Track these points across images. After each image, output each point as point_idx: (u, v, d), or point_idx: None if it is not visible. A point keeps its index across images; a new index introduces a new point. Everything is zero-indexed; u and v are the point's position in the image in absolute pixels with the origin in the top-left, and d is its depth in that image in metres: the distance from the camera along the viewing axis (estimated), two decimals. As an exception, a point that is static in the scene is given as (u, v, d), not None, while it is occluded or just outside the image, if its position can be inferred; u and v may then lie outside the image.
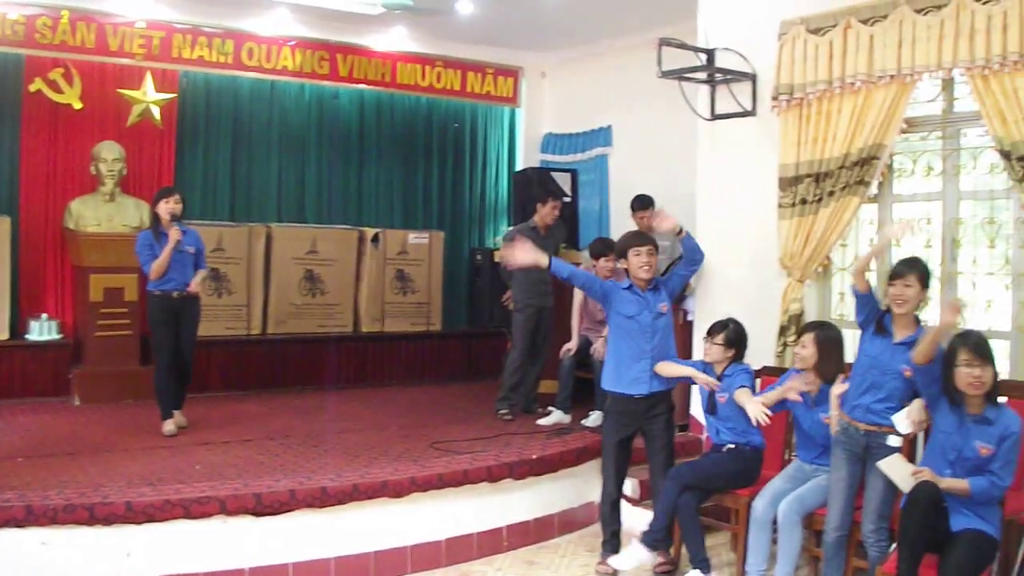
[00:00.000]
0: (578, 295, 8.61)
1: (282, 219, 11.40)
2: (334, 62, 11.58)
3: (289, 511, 6.02)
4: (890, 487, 5.33)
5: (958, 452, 5.00)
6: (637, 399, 6.42)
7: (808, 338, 6.04)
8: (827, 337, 6.00)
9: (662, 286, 6.51)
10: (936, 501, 4.94)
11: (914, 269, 5.40)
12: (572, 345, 8.59)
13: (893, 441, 5.41)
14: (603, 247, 8.18)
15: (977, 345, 4.93)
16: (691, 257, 6.53)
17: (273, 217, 11.37)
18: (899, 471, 5.18)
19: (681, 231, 6.48)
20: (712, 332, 6.47)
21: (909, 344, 5.35)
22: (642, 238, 6.50)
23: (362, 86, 11.91)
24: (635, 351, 6.38)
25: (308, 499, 6.05)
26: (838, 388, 5.69)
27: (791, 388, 5.94)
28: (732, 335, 6.40)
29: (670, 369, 6.37)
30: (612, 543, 6.55)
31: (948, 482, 4.96)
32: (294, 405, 9.50)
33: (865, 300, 5.59)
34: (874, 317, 5.56)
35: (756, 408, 5.87)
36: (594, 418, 8.17)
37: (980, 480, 4.91)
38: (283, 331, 10.86)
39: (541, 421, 8.46)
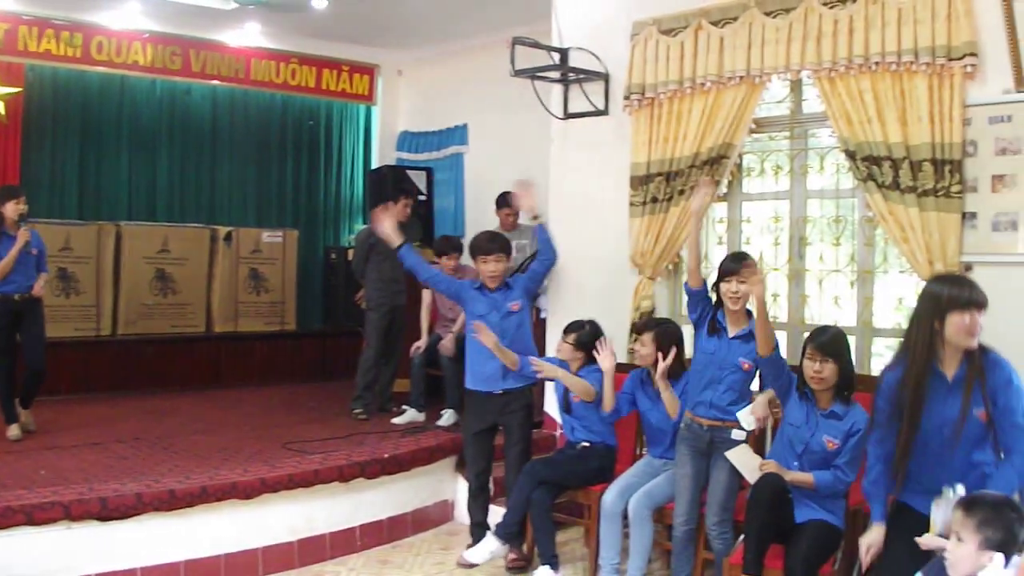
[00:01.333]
0: (426, 295, 8.58)
1: (132, 217, 10.99)
2: (187, 57, 11.21)
3: (136, 515, 5.74)
4: (733, 480, 5.35)
5: (805, 445, 5.00)
6: (492, 396, 6.44)
7: (647, 337, 6.01)
8: (665, 333, 5.95)
9: (515, 285, 6.51)
10: (781, 493, 4.94)
11: (743, 263, 5.39)
12: (422, 343, 8.45)
13: (737, 435, 5.40)
14: (445, 246, 8.19)
15: (821, 340, 4.92)
16: (545, 254, 6.50)
17: (123, 215, 10.96)
18: (746, 462, 5.19)
19: (537, 217, 6.55)
20: (568, 331, 6.40)
21: (743, 337, 5.41)
22: (491, 243, 6.48)
23: (215, 82, 11.56)
24: (487, 350, 6.31)
25: (155, 502, 5.79)
26: (660, 366, 5.72)
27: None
28: (585, 337, 6.31)
29: (547, 371, 6.33)
30: (476, 534, 6.48)
31: (793, 475, 4.97)
32: (145, 407, 9.12)
33: (699, 297, 5.57)
34: (708, 314, 5.55)
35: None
36: (447, 417, 8.09)
37: (825, 474, 4.93)
38: (134, 332, 10.48)
39: (395, 420, 8.28)
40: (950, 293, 4.14)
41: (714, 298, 5.56)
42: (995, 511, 3.46)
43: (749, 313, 5.48)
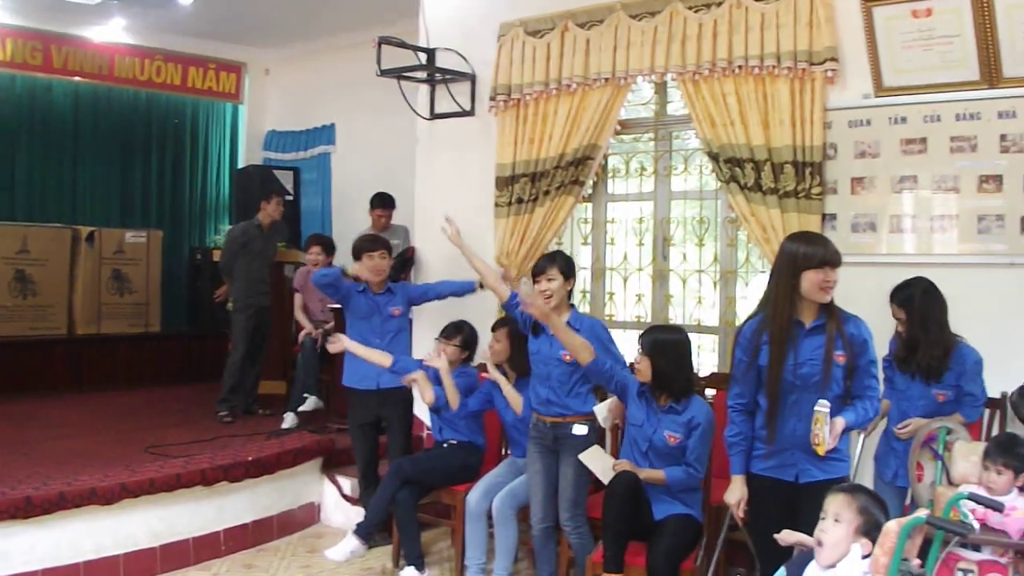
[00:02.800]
0: (298, 298, 8.53)
1: (-10, 217, 10.46)
2: (48, 53, 10.76)
3: (-8, 522, 5.45)
4: (582, 476, 5.27)
5: (649, 442, 5.00)
6: (370, 394, 6.38)
7: (501, 333, 5.98)
8: (518, 331, 5.85)
9: (398, 291, 6.48)
10: (635, 490, 4.91)
11: (555, 263, 5.34)
12: (309, 328, 8.33)
13: (578, 430, 5.31)
14: (316, 240, 8.27)
15: (644, 340, 5.02)
16: (464, 289, 6.57)
17: (-20, 215, 10.42)
18: (599, 463, 5.14)
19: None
20: (448, 335, 6.29)
21: None
22: (374, 243, 6.43)
23: (77, 79, 11.10)
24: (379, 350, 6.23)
25: (11, 509, 5.47)
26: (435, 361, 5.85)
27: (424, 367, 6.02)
28: (468, 337, 6.29)
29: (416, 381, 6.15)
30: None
31: (646, 473, 4.95)
32: (4, 412, 8.65)
33: (516, 304, 5.51)
34: (527, 317, 5.44)
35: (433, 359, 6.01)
36: (289, 420, 7.98)
37: (676, 471, 4.93)
38: (-8, 334, 9.97)
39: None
40: (805, 251, 4.19)
41: None
42: (874, 500, 3.55)
43: (571, 306, 5.45)
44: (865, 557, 3.40)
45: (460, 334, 6.25)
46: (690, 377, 5.09)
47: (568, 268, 5.37)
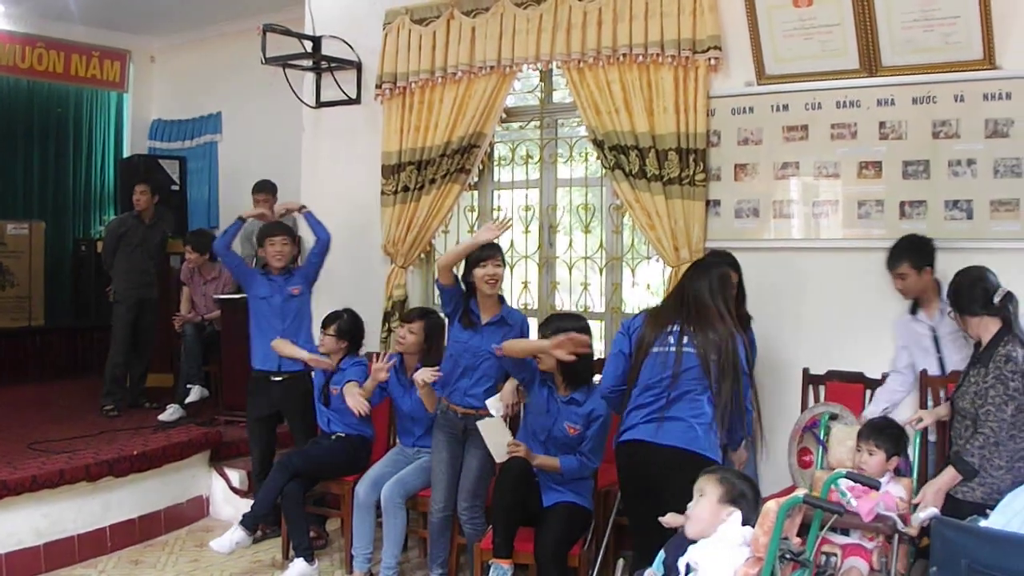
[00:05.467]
0: (186, 290, 8.32)
1: None
2: (-78, 39, 10.16)
3: None
4: (485, 467, 5.22)
5: (548, 432, 4.96)
6: (272, 376, 6.29)
7: (418, 325, 5.84)
8: (434, 324, 5.84)
9: (296, 271, 6.43)
10: (526, 477, 4.91)
11: (499, 250, 5.31)
12: (184, 314, 8.11)
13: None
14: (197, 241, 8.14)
15: (543, 327, 5.03)
16: (318, 236, 6.45)
17: None
18: (497, 436, 5.04)
19: (302, 208, 6.53)
20: (326, 323, 6.14)
21: (496, 324, 5.30)
22: (277, 227, 6.45)
23: (-46, 66, 10.52)
24: (268, 331, 6.30)
25: None
26: (427, 374, 5.47)
27: (379, 369, 5.74)
28: (345, 325, 6.10)
29: (285, 348, 6.17)
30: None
31: (540, 460, 4.91)
32: None
33: (452, 293, 5.37)
34: (460, 306, 5.36)
35: (356, 401, 5.67)
36: (171, 412, 7.74)
37: (570, 459, 4.89)
38: None
39: (189, 399, 7.82)
40: None
41: (464, 288, 5.42)
42: (739, 476, 3.57)
43: (501, 299, 5.36)
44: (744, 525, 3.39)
45: (334, 323, 6.12)
46: (592, 367, 5.02)
47: (503, 255, 5.41)
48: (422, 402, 5.62)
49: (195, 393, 7.84)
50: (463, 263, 5.38)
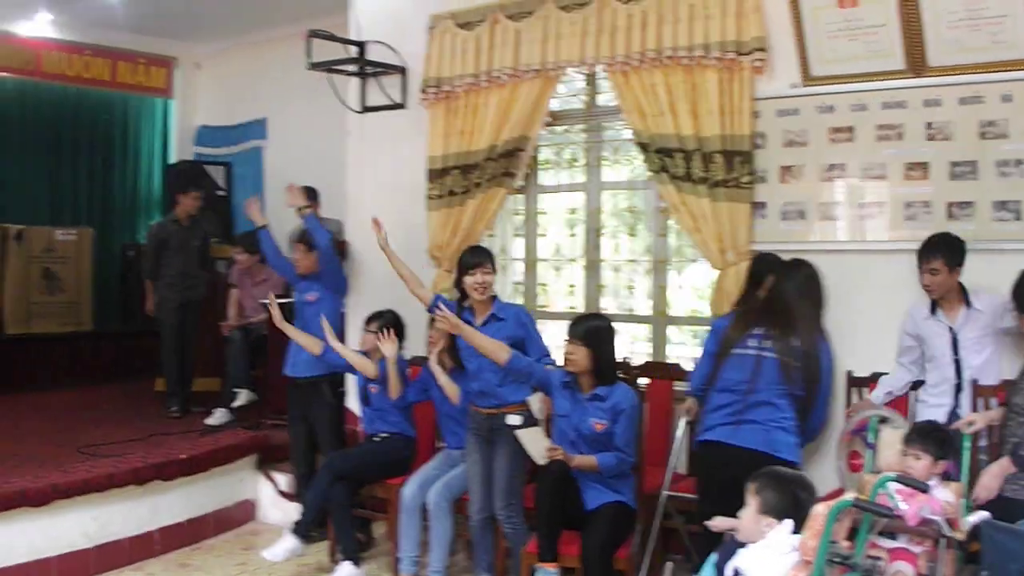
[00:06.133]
0: (234, 293, 8.46)
1: (-86, 217, 10.19)
2: (-29, 48, 10.42)
3: (-81, 527, 5.33)
4: (516, 465, 5.29)
5: (576, 431, 5.01)
6: (299, 381, 6.46)
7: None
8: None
9: (316, 275, 6.56)
10: (566, 479, 4.95)
11: (488, 256, 5.44)
12: (231, 321, 8.28)
13: (512, 419, 5.29)
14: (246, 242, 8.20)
15: (574, 328, 5.02)
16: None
17: (-96, 214, 10.14)
18: (535, 443, 5.09)
19: (303, 209, 6.56)
20: (369, 321, 6.25)
21: (487, 323, 5.40)
22: (295, 236, 6.68)
23: (4, 75, 10.80)
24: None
25: (-60, 514, 5.38)
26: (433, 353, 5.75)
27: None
28: (386, 324, 6.17)
29: (336, 346, 6.16)
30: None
31: (579, 459, 4.93)
32: (-69, 414, 8.47)
33: (436, 307, 5.48)
34: (454, 312, 5.44)
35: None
36: (218, 416, 7.90)
37: (607, 456, 4.92)
38: (-81, 336, 9.70)
39: (236, 403, 7.97)
40: None
41: (458, 294, 5.57)
42: (776, 479, 3.59)
43: (494, 298, 5.48)
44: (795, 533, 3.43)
45: (376, 321, 6.19)
46: (615, 364, 5.10)
47: (494, 261, 5.51)
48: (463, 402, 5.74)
49: (243, 397, 7.95)
50: (455, 271, 5.57)
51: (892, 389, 5.19)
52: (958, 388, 4.95)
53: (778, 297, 4.46)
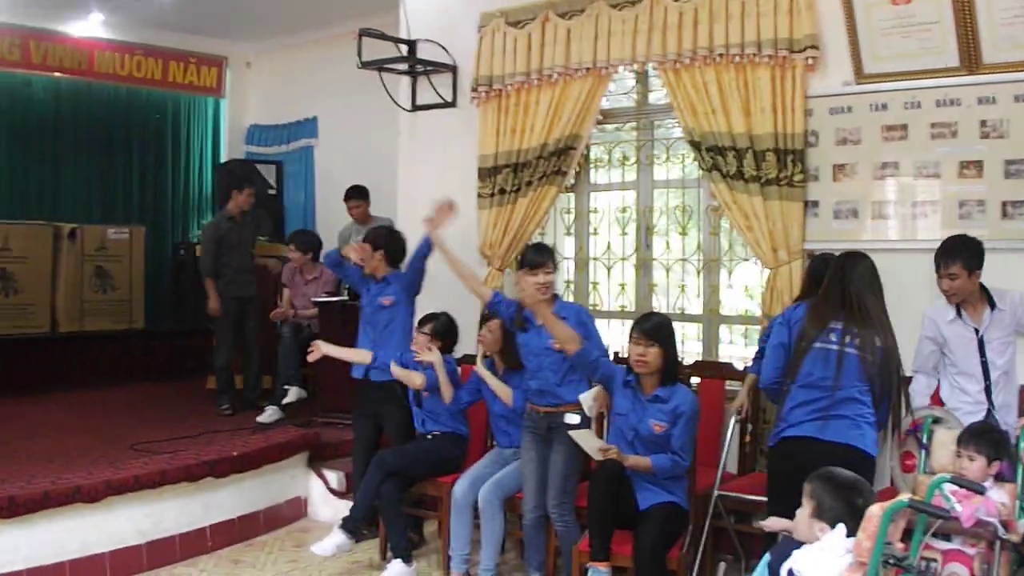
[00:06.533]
0: (286, 292, 8.55)
1: (-30, 215, 10.37)
2: (26, 49, 10.59)
3: (-25, 523, 5.39)
4: (571, 465, 5.30)
5: (635, 431, 4.98)
6: (367, 385, 6.45)
7: (494, 324, 5.95)
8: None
9: (395, 280, 6.46)
10: (619, 479, 4.94)
11: (551, 256, 5.43)
12: (281, 310, 8.41)
13: (571, 418, 5.31)
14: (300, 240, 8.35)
15: (647, 328, 4.94)
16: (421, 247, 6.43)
17: (-40, 213, 10.34)
18: (590, 443, 5.09)
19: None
20: (422, 323, 6.27)
21: None
22: (367, 237, 6.60)
23: (57, 74, 10.96)
24: (362, 339, 6.50)
25: (-5, 509, 5.44)
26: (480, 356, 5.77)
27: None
28: (440, 327, 6.21)
29: (397, 372, 6.16)
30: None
31: (632, 460, 4.91)
32: (-14, 410, 8.62)
33: (495, 306, 5.64)
34: (513, 311, 5.52)
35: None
36: (269, 413, 8.01)
37: (662, 458, 4.89)
38: (-26, 333, 9.88)
39: (286, 400, 8.06)
40: None
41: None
42: (831, 483, 3.53)
43: (556, 297, 5.47)
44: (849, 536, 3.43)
45: (429, 323, 6.22)
46: (678, 365, 5.11)
47: (556, 259, 5.52)
48: (517, 403, 5.76)
49: (293, 394, 8.04)
50: (516, 268, 5.59)
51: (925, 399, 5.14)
52: (987, 390, 4.90)
53: (850, 291, 4.47)
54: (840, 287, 4.49)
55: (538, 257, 5.36)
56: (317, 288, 8.30)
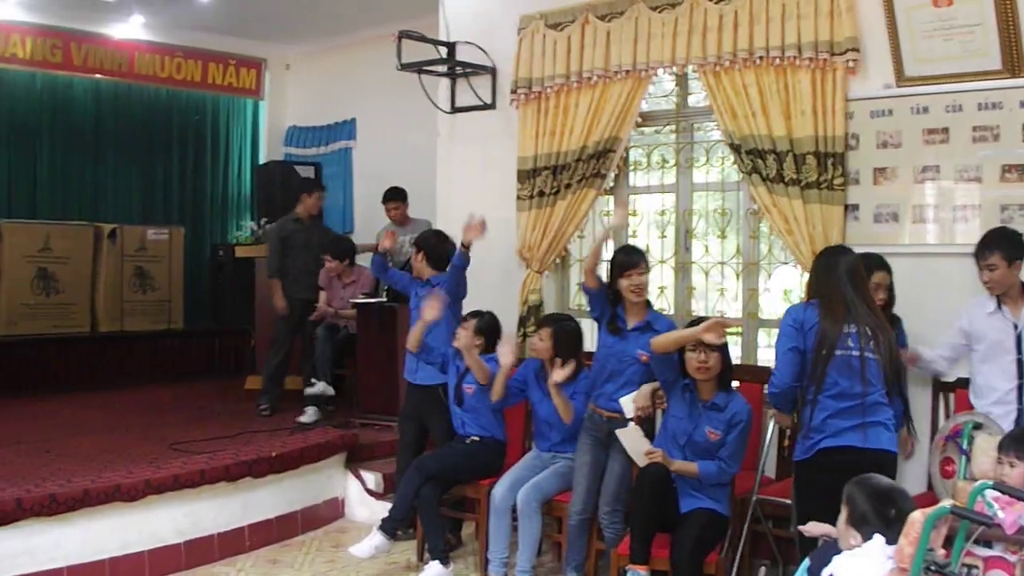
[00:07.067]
0: (323, 296, 8.60)
1: (12, 215, 10.52)
2: (68, 51, 10.81)
3: (16, 521, 5.44)
4: (627, 470, 5.32)
5: (688, 436, 5.00)
6: (413, 386, 6.57)
7: (546, 332, 5.93)
8: (563, 330, 5.89)
9: (438, 283, 6.47)
10: (664, 483, 4.95)
11: (643, 257, 5.50)
12: (323, 306, 8.44)
13: (631, 425, 5.32)
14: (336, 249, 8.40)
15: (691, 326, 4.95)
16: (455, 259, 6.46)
17: (3, 213, 10.51)
18: (635, 443, 5.15)
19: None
20: (467, 318, 6.32)
21: (641, 329, 5.44)
22: (417, 243, 6.67)
23: (98, 76, 11.18)
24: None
25: (36, 507, 5.49)
26: (558, 374, 5.64)
27: (504, 354, 5.87)
28: (483, 324, 6.26)
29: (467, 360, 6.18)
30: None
31: (679, 464, 4.95)
32: (27, 410, 8.75)
33: (597, 296, 5.60)
34: (608, 311, 5.55)
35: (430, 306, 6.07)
36: (309, 414, 8.08)
37: (709, 464, 4.93)
38: (15, 332, 10.04)
39: (309, 391, 8.14)
40: None
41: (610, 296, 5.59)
42: (868, 491, 3.54)
43: (648, 304, 5.52)
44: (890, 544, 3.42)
45: (474, 319, 6.26)
46: (732, 369, 5.13)
47: (648, 260, 5.61)
48: (556, 411, 5.77)
49: (318, 387, 8.09)
50: (608, 271, 5.58)
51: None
52: (1019, 389, 4.92)
53: (851, 290, 4.50)
54: (836, 285, 4.51)
55: (630, 258, 5.45)
56: (355, 291, 8.37)
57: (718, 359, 4.90)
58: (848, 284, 4.45)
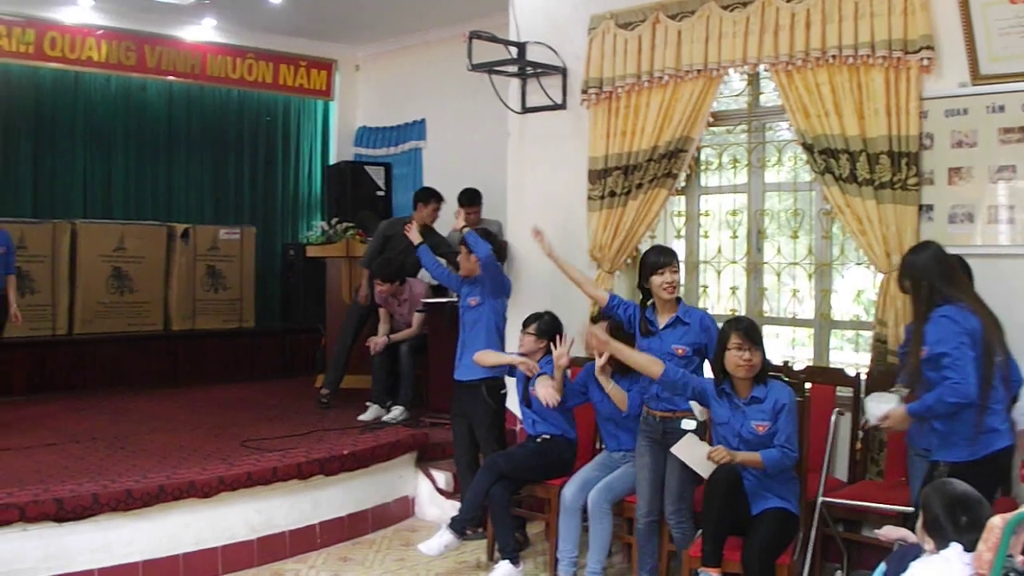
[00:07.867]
0: (382, 310, 8.69)
1: (88, 215, 10.87)
2: (141, 53, 11.11)
3: (93, 515, 5.63)
4: (688, 469, 5.31)
5: (738, 436, 5.07)
6: (460, 384, 6.71)
7: (600, 327, 5.99)
8: (618, 329, 5.94)
9: (479, 281, 6.69)
10: (735, 485, 5.01)
11: (674, 256, 5.62)
12: (379, 342, 8.46)
13: (687, 424, 5.44)
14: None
15: (747, 330, 5.03)
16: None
17: (79, 213, 10.84)
18: (693, 454, 5.20)
19: (463, 228, 6.89)
20: (527, 323, 6.42)
21: (671, 326, 5.58)
22: (462, 241, 6.74)
23: (171, 78, 11.47)
24: (459, 341, 6.80)
25: (112, 502, 5.69)
26: (599, 362, 5.78)
27: (559, 356, 5.95)
28: (544, 326, 6.34)
29: (488, 358, 6.43)
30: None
31: (742, 456, 5.00)
32: (102, 407, 9.01)
33: (614, 309, 5.84)
34: (636, 316, 5.68)
35: (546, 391, 5.95)
36: (396, 413, 8.19)
37: (771, 451, 4.96)
38: (90, 331, 10.39)
39: (362, 416, 8.26)
40: None
41: (639, 297, 5.76)
42: (942, 497, 3.53)
43: (679, 300, 5.65)
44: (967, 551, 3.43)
45: (533, 323, 6.36)
46: (768, 362, 5.19)
47: (678, 260, 5.68)
48: (617, 408, 5.88)
49: (370, 413, 8.27)
50: (638, 271, 5.72)
51: None
52: None
53: (974, 294, 4.68)
54: (967, 289, 4.64)
55: (661, 258, 5.54)
56: (410, 306, 8.49)
57: (759, 355, 5.02)
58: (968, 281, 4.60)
